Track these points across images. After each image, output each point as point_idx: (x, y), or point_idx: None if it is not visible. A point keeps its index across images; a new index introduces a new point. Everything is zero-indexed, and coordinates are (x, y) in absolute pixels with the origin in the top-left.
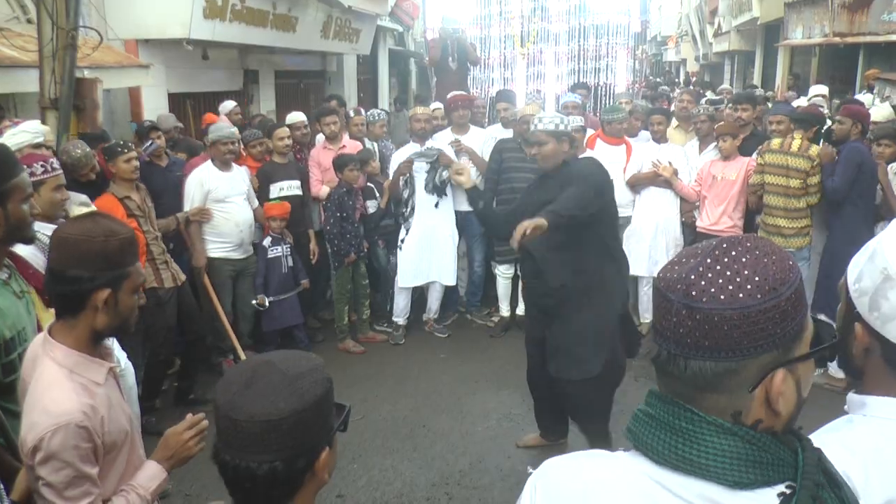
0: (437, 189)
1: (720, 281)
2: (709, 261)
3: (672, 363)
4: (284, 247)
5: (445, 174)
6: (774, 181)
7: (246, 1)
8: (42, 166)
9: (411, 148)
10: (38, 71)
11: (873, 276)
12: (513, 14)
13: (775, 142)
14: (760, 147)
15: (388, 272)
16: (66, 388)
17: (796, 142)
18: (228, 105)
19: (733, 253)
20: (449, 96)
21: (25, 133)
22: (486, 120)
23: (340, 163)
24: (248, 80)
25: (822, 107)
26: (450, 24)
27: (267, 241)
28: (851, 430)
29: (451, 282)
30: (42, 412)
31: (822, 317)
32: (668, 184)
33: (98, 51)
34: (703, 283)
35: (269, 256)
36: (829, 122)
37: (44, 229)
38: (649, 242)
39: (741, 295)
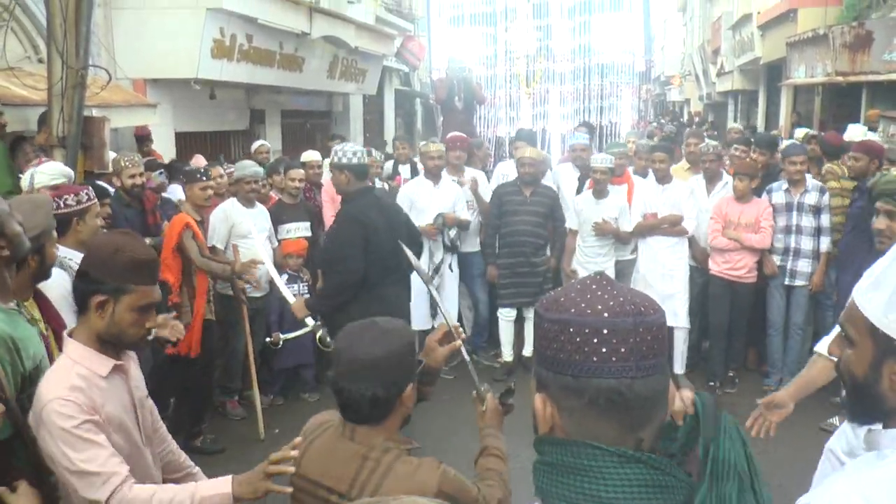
0: (451, 248)
1: (644, 299)
2: (618, 287)
3: (630, 390)
4: (301, 285)
5: (454, 232)
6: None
7: (253, 41)
8: (86, 195)
9: (421, 182)
10: (47, 109)
11: None
12: (518, 54)
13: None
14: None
15: None
16: (60, 373)
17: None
18: (256, 144)
19: (616, 283)
20: (447, 137)
21: (43, 174)
22: (493, 160)
23: None
24: (255, 119)
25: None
26: (456, 64)
27: (283, 278)
28: (887, 467)
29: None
30: (37, 398)
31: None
32: (675, 230)
33: (106, 90)
34: (637, 299)
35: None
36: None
37: (77, 258)
38: (657, 289)
39: (659, 310)
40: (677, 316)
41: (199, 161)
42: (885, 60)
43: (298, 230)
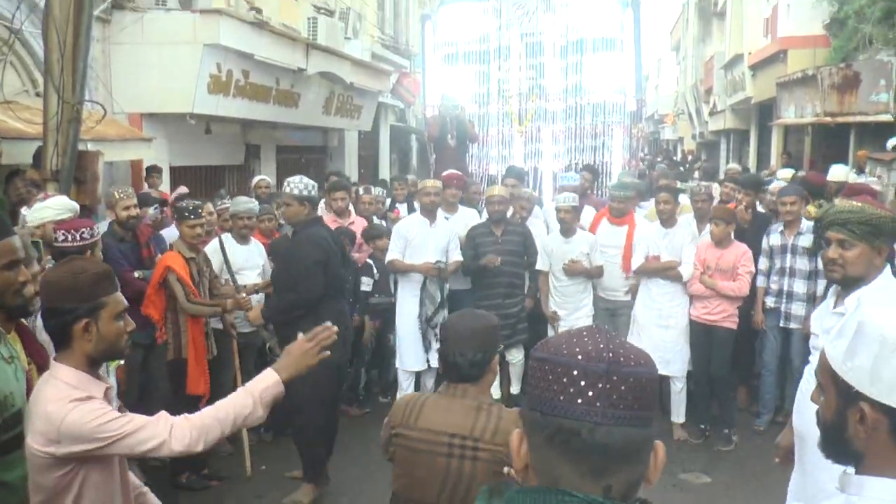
0: (443, 304)
1: (630, 350)
2: (606, 337)
3: (591, 435)
4: None
5: (447, 288)
6: None
7: (250, 77)
8: (90, 231)
9: (416, 219)
10: (43, 143)
11: (870, 347)
12: (511, 92)
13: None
14: None
15: (375, 350)
16: (60, 395)
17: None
18: (256, 178)
19: (609, 333)
20: (444, 174)
21: (49, 209)
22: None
23: (374, 234)
24: (250, 154)
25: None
26: (449, 102)
27: None
28: None
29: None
30: (45, 421)
31: None
32: (670, 274)
33: (102, 124)
34: (622, 349)
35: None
36: None
37: None
38: (653, 336)
39: (650, 363)
40: (672, 365)
41: (181, 190)
42: (873, 102)
43: None
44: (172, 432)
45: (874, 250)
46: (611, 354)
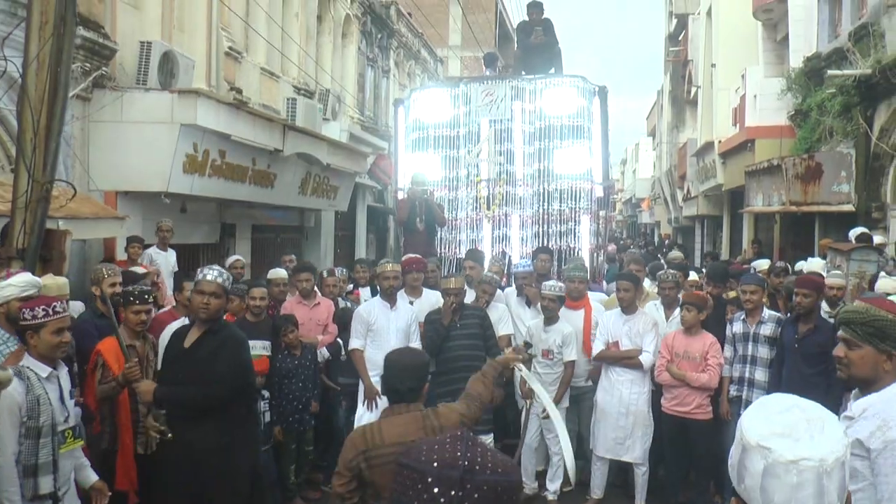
0: None
1: (495, 457)
2: (468, 444)
3: None
4: (262, 403)
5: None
6: None
7: (226, 156)
8: (43, 310)
9: (377, 303)
10: (9, 221)
11: (736, 449)
12: (480, 177)
13: None
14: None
15: (343, 432)
16: None
17: None
18: (231, 259)
19: (472, 440)
20: (403, 259)
21: (13, 287)
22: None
23: (346, 320)
24: (226, 233)
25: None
26: (419, 184)
27: None
28: None
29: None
30: None
31: None
32: (630, 362)
33: (75, 202)
34: (480, 458)
35: None
36: None
37: (38, 369)
38: (614, 422)
39: (511, 470)
40: (633, 452)
41: (228, 260)
42: (835, 192)
43: (256, 348)
44: None
45: (880, 353)
46: (466, 462)
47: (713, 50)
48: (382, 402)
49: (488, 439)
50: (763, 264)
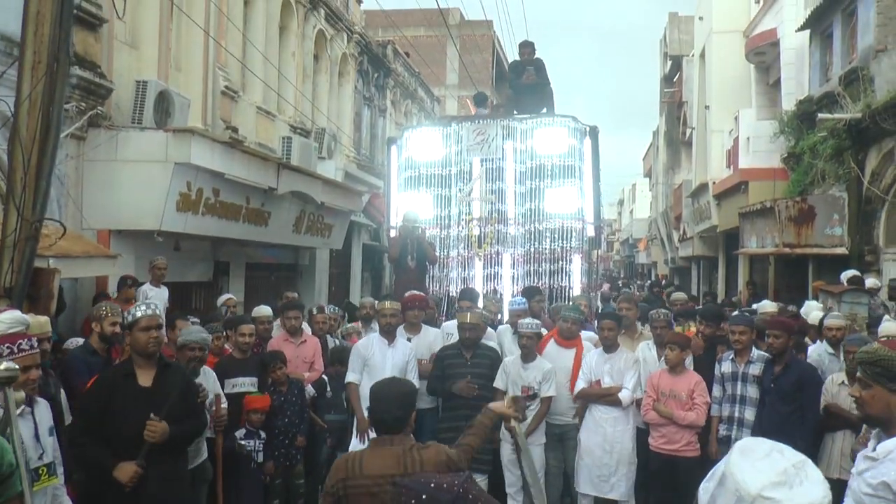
0: None
1: (486, 496)
2: (469, 480)
3: None
4: (258, 442)
5: None
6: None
7: (220, 195)
8: (8, 347)
9: (375, 339)
10: None
11: (726, 498)
12: (471, 216)
13: None
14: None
15: (324, 469)
16: None
17: None
18: (223, 297)
19: (469, 479)
20: (406, 296)
21: (1, 323)
22: (444, 317)
23: (339, 357)
24: (219, 271)
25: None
26: (410, 222)
27: (240, 433)
28: None
29: None
30: None
31: None
32: (610, 399)
33: (66, 240)
34: (474, 492)
35: (239, 450)
36: None
37: None
38: (598, 460)
39: None
40: (617, 489)
41: (221, 299)
42: (828, 235)
43: (244, 385)
44: None
45: (891, 393)
46: (462, 490)
47: (707, 92)
48: (374, 435)
49: (483, 479)
50: (768, 306)
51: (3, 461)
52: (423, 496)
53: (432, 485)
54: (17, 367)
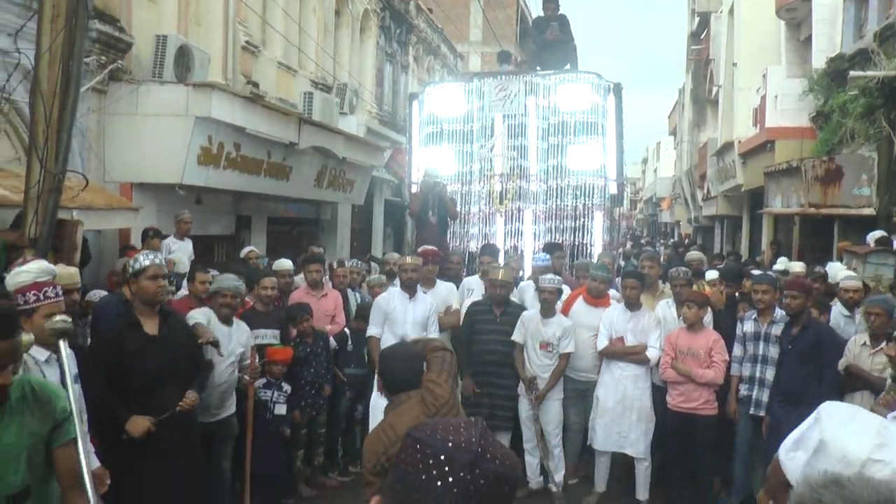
0: None
1: (500, 450)
2: (481, 432)
3: None
4: (277, 393)
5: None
6: None
7: (241, 149)
8: (34, 295)
9: (397, 293)
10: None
11: (831, 465)
12: (493, 172)
13: None
14: None
15: (343, 421)
16: None
17: None
18: (246, 249)
19: (485, 431)
20: (419, 251)
21: (27, 273)
22: (465, 272)
23: (362, 314)
24: (241, 225)
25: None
26: (432, 178)
27: (260, 382)
28: None
29: None
30: None
31: None
32: (636, 358)
33: (89, 193)
34: (492, 448)
35: (257, 398)
36: None
37: (36, 353)
38: (616, 416)
39: (515, 464)
40: (635, 446)
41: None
42: (855, 195)
43: (266, 337)
44: None
45: None
46: (479, 448)
47: (735, 49)
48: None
49: (506, 436)
50: (796, 266)
51: (58, 407)
52: (442, 457)
53: (450, 444)
54: (70, 319)
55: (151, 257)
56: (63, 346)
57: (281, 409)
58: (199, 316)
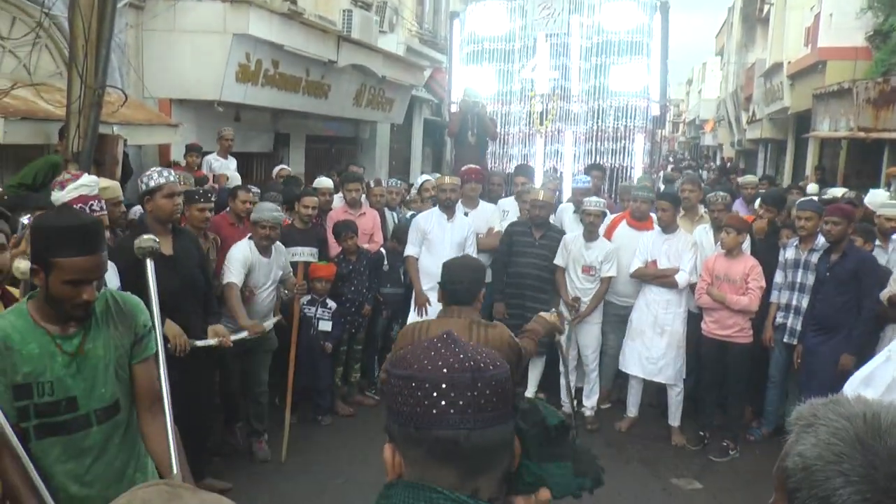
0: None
1: (486, 356)
2: (461, 346)
3: (467, 440)
4: (322, 310)
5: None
6: None
7: (280, 67)
8: (80, 208)
9: (434, 214)
10: (65, 125)
11: None
12: (533, 92)
13: None
14: None
15: (379, 340)
16: None
17: None
18: (277, 168)
19: (460, 341)
20: (462, 169)
21: (85, 186)
22: (504, 194)
23: (398, 235)
24: (279, 142)
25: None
26: (471, 97)
27: (305, 299)
28: None
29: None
30: None
31: None
32: (666, 280)
33: (129, 108)
34: (478, 356)
35: (301, 314)
36: None
37: None
38: (647, 340)
39: (501, 361)
40: (666, 372)
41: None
42: None
43: (303, 255)
44: None
45: None
46: (472, 363)
47: None
48: (432, 309)
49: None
50: (836, 192)
51: (140, 320)
52: (443, 385)
53: (444, 370)
54: (157, 239)
55: (166, 174)
56: (149, 264)
57: (325, 326)
58: (238, 252)
